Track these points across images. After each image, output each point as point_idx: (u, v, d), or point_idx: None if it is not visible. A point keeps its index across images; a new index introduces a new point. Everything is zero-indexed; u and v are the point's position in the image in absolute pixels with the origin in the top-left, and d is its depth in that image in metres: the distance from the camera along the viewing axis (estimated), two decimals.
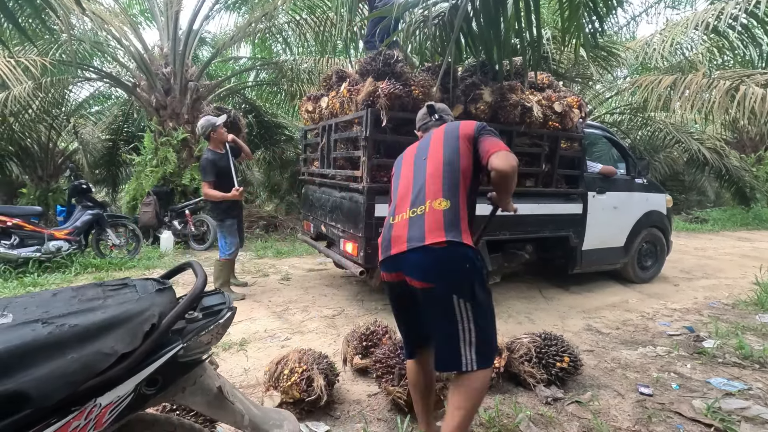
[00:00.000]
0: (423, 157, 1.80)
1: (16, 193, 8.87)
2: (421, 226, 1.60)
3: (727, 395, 2.44)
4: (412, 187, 1.75)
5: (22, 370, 0.84)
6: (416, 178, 1.76)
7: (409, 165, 1.86)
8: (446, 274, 1.55)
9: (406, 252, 1.59)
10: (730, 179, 10.46)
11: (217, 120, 4.16)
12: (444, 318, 1.56)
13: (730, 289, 4.87)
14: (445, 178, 1.67)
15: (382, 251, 1.76)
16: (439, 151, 1.76)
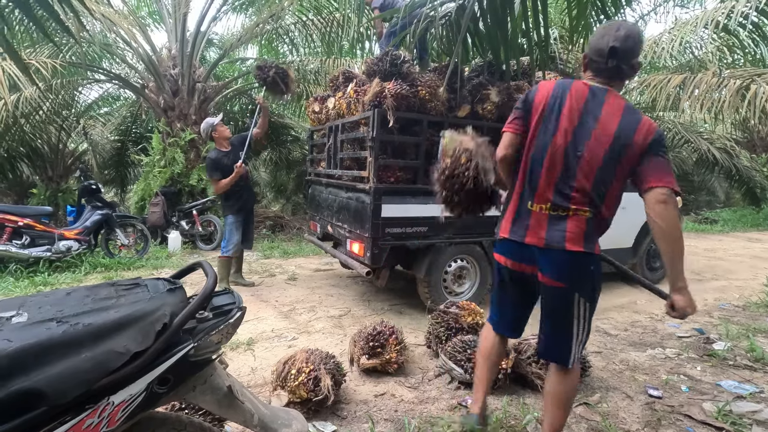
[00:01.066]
0: (583, 138, 1.58)
1: (27, 193, 8.99)
2: (563, 230, 1.62)
3: (738, 398, 2.41)
4: (559, 173, 1.62)
5: (37, 368, 0.85)
6: (567, 162, 1.60)
7: (568, 128, 1.60)
8: (578, 278, 1.63)
9: (544, 249, 1.64)
10: (741, 179, 10.34)
11: (215, 119, 4.23)
12: (565, 314, 1.66)
13: (741, 291, 4.81)
14: (596, 185, 1.59)
15: (511, 232, 1.75)
16: (602, 146, 1.56)
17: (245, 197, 4.34)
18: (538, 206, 1.67)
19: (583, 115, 1.60)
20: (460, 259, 3.83)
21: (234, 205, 4.25)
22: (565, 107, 1.61)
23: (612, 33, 1.58)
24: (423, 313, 3.62)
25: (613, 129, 1.56)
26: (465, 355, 2.49)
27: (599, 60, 1.61)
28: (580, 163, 1.58)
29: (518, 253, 1.74)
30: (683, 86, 6.69)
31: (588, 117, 1.59)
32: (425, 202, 3.53)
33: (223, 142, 4.26)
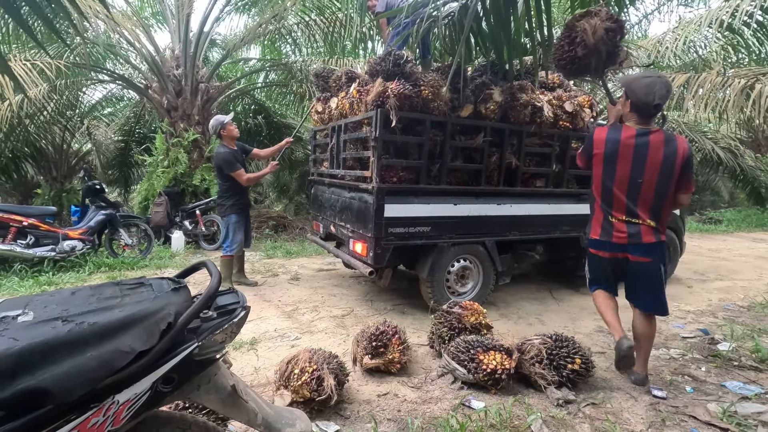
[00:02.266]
0: (640, 170, 2.31)
1: (31, 193, 9.05)
2: (639, 231, 2.37)
3: (743, 399, 2.40)
4: (626, 196, 2.37)
5: (43, 367, 0.86)
6: (631, 188, 2.35)
7: (626, 165, 2.33)
8: (657, 254, 2.39)
9: (628, 243, 2.40)
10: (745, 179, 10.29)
11: (226, 118, 4.31)
12: (654, 279, 2.42)
13: (746, 291, 4.78)
14: (655, 201, 2.34)
15: (602, 235, 2.50)
16: (655, 172, 2.30)
17: (246, 198, 4.49)
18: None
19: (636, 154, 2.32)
20: (462, 259, 3.83)
21: (236, 205, 4.34)
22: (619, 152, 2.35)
23: (656, 91, 2.23)
24: (426, 313, 3.62)
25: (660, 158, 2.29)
26: (468, 355, 2.49)
27: (646, 110, 2.29)
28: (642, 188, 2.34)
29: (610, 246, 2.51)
30: (687, 86, 6.65)
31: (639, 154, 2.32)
32: (428, 202, 3.53)
33: (231, 141, 4.37)
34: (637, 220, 2.36)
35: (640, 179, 2.31)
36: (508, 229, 3.93)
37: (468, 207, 3.68)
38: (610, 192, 2.40)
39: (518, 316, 3.86)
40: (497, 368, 2.39)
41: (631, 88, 2.31)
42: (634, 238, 2.37)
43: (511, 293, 4.47)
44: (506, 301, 4.23)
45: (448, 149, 3.51)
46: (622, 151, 2.32)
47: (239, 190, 4.35)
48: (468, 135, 3.66)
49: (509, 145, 3.75)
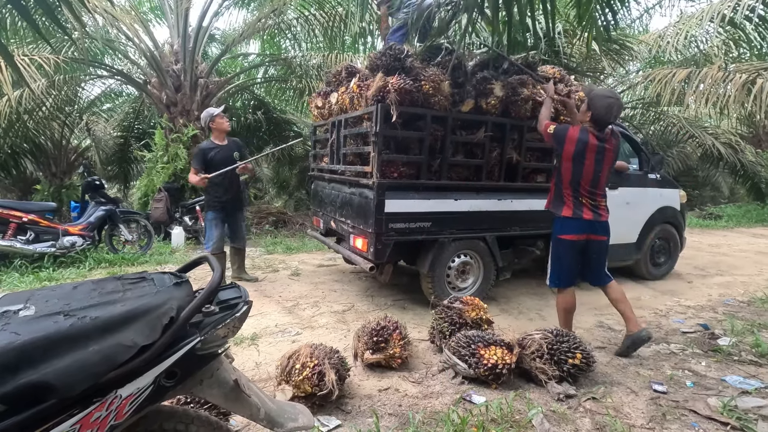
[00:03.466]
0: (599, 166, 2.82)
1: (31, 189, 9.03)
2: (599, 212, 2.88)
3: (743, 393, 2.40)
4: (590, 185, 2.83)
5: (45, 361, 0.85)
6: (593, 179, 2.83)
7: (591, 163, 2.80)
8: (607, 232, 2.94)
9: (594, 221, 2.85)
10: (745, 175, 10.28)
11: (216, 110, 4.17)
12: (603, 255, 2.96)
13: (746, 287, 4.79)
14: (606, 186, 2.94)
15: (574, 214, 2.86)
16: (607, 166, 2.86)
17: (229, 196, 4.22)
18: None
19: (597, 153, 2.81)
20: (463, 254, 3.83)
21: (212, 202, 4.22)
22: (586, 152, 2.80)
23: (614, 112, 2.78)
24: (426, 308, 3.62)
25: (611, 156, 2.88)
26: (469, 350, 2.49)
27: (603, 124, 2.83)
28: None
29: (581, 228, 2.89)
30: (688, 81, 6.63)
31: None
32: (429, 197, 3.52)
33: (220, 135, 4.22)
34: (598, 201, 2.87)
35: (600, 173, 2.84)
36: (509, 224, 3.93)
37: (469, 202, 3.68)
38: (578, 182, 2.84)
39: (519, 311, 3.86)
40: (498, 363, 2.39)
41: (594, 104, 2.79)
42: (597, 217, 2.86)
43: (512, 288, 4.48)
44: (507, 297, 4.23)
45: (448, 144, 3.50)
46: (588, 151, 2.78)
47: (217, 187, 4.17)
48: (469, 130, 3.64)
49: (510, 140, 3.74)
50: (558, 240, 2.94)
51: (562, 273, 2.96)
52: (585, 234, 2.86)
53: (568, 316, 2.98)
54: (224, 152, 4.14)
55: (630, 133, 5.04)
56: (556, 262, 2.99)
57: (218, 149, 4.14)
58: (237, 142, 4.39)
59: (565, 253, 2.92)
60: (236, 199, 4.32)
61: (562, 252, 2.93)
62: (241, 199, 4.42)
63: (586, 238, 2.86)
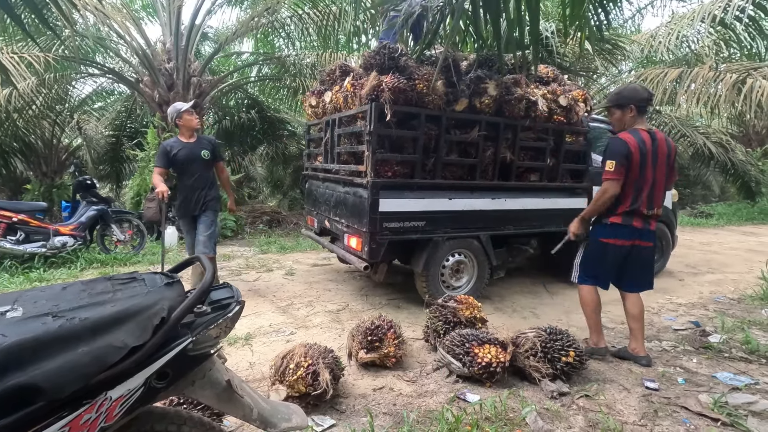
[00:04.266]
0: (654, 165, 2.64)
1: (21, 188, 8.91)
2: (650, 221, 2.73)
3: (733, 390, 2.43)
4: (648, 192, 2.66)
5: (33, 363, 0.84)
6: (653, 183, 2.66)
7: (650, 168, 2.64)
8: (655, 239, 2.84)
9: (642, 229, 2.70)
10: (736, 173, 10.39)
11: (184, 105, 3.72)
12: (651, 261, 2.85)
13: (736, 284, 4.84)
14: (664, 191, 2.73)
15: (624, 221, 2.69)
16: (663, 167, 2.67)
17: (193, 199, 3.69)
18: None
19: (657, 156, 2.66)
20: (457, 253, 3.84)
21: (182, 205, 3.77)
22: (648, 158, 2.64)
23: (641, 88, 2.70)
24: (421, 307, 3.62)
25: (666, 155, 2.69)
26: (463, 349, 2.50)
27: (645, 105, 2.68)
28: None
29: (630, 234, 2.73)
30: (680, 80, 6.69)
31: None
32: (423, 196, 3.52)
33: (187, 132, 3.73)
34: (653, 210, 2.70)
35: (654, 165, 2.65)
36: (502, 223, 3.94)
37: (463, 201, 3.69)
38: (641, 190, 2.65)
39: (513, 309, 3.88)
40: (492, 361, 2.40)
41: (624, 95, 2.70)
42: (647, 226, 2.70)
43: (506, 287, 4.50)
44: (501, 295, 4.25)
45: (443, 143, 3.50)
46: (649, 156, 2.63)
47: (182, 188, 3.74)
48: (463, 129, 3.65)
49: (504, 140, 3.75)
50: (599, 243, 2.78)
51: (593, 271, 2.84)
52: (635, 239, 2.70)
53: (595, 316, 2.84)
54: (190, 150, 3.67)
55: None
56: (598, 262, 2.81)
57: (183, 147, 3.66)
58: (210, 140, 3.86)
59: (602, 257, 2.78)
60: (200, 201, 3.71)
61: (600, 256, 2.78)
62: (210, 197, 3.76)
63: (635, 243, 2.71)
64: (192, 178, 3.67)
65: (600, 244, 2.79)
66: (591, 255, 2.87)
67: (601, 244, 2.78)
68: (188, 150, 3.66)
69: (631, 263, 2.76)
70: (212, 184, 3.80)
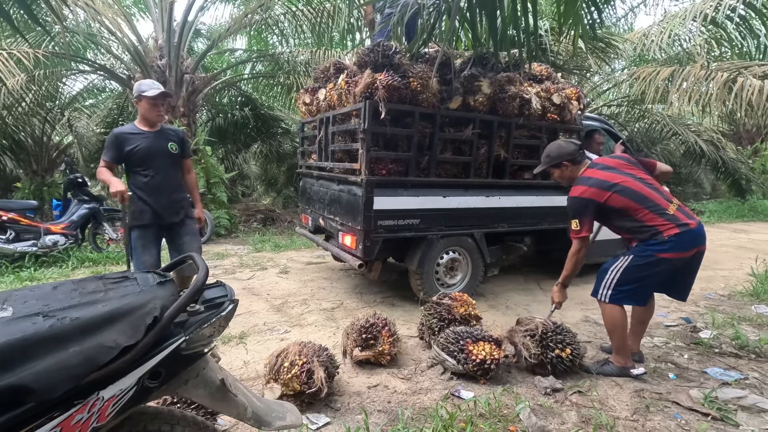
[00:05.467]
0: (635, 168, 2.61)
1: (11, 187, 8.79)
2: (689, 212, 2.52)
3: (723, 385, 2.47)
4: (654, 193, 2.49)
5: (23, 363, 0.83)
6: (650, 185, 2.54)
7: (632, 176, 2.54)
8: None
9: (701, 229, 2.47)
10: (727, 171, 10.50)
11: (150, 87, 2.79)
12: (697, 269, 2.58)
13: (727, 281, 4.90)
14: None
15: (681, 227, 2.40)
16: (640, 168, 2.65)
17: (162, 202, 2.83)
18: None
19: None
20: (452, 251, 3.85)
21: (135, 214, 2.81)
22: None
23: (565, 143, 2.79)
24: (415, 304, 3.63)
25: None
26: (457, 346, 2.51)
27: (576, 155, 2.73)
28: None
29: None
30: (672, 79, 6.73)
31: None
32: (417, 194, 3.52)
33: (144, 121, 2.84)
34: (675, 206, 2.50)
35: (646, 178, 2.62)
36: (496, 220, 3.95)
37: (457, 199, 3.69)
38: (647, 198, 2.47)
39: (507, 306, 3.90)
40: (486, 358, 2.41)
41: (552, 156, 2.76)
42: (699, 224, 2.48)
43: (500, 284, 4.52)
44: (495, 293, 4.27)
45: (437, 141, 3.50)
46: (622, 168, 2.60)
47: (140, 189, 2.80)
48: (457, 127, 3.65)
49: (498, 137, 3.76)
50: (656, 259, 2.40)
51: (643, 291, 2.53)
52: (696, 247, 2.44)
53: (625, 338, 2.57)
54: (152, 142, 2.80)
55: (615, 130, 5.11)
56: (643, 281, 2.47)
57: (143, 137, 2.79)
58: (175, 131, 3.01)
59: (655, 274, 2.46)
60: (174, 206, 2.89)
61: (660, 271, 2.44)
62: (182, 204, 2.95)
63: (696, 251, 2.45)
64: (156, 177, 2.79)
65: (653, 260, 2.41)
66: (634, 273, 2.46)
67: (654, 260, 2.41)
68: (150, 141, 2.80)
69: (688, 272, 2.55)
70: (181, 185, 3.03)
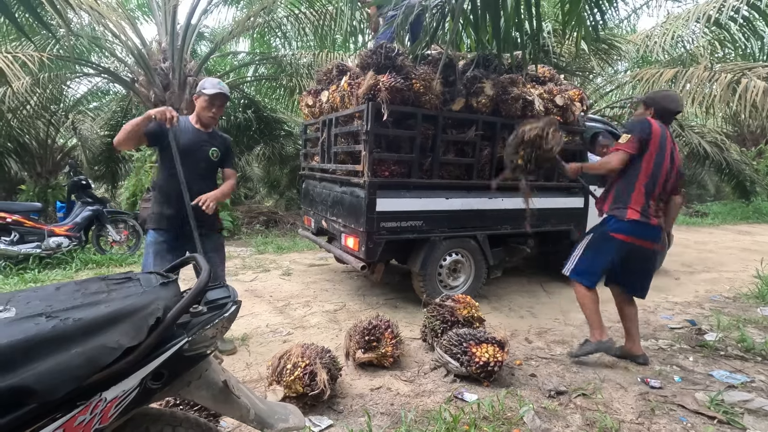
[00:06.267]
0: (672, 164, 2.62)
1: (16, 189, 8.85)
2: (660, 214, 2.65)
3: (729, 387, 2.44)
4: (662, 185, 2.60)
5: (26, 364, 0.83)
6: (666, 179, 2.61)
7: (667, 158, 2.58)
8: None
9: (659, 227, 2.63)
10: (731, 173, 10.45)
11: (209, 87, 2.64)
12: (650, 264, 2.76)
13: (732, 283, 4.87)
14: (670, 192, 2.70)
15: (642, 217, 2.57)
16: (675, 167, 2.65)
17: (183, 209, 2.45)
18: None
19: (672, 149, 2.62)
20: (455, 252, 3.83)
21: (154, 215, 2.68)
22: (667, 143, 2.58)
23: (677, 101, 2.65)
24: (418, 306, 3.62)
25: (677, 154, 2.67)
26: (460, 348, 2.49)
27: (668, 117, 2.68)
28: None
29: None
30: (675, 80, 6.71)
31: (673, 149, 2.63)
32: (420, 196, 3.52)
33: (198, 119, 2.72)
34: (661, 205, 2.66)
35: (672, 172, 2.62)
36: (499, 222, 3.94)
37: (460, 201, 3.69)
38: (656, 180, 2.57)
39: (510, 308, 3.88)
40: (490, 361, 2.40)
41: (654, 99, 2.69)
42: (661, 222, 2.64)
43: (503, 286, 4.50)
44: (498, 295, 4.25)
45: (439, 143, 3.50)
46: (667, 144, 2.58)
47: (166, 186, 2.65)
48: (460, 129, 3.65)
49: (501, 139, 3.75)
50: (610, 237, 2.61)
51: (594, 269, 2.69)
52: (649, 240, 2.60)
53: (595, 313, 2.71)
54: (195, 142, 2.65)
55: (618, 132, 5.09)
56: (596, 258, 2.67)
57: (190, 133, 2.66)
58: (224, 138, 2.92)
59: (606, 254, 2.64)
60: (199, 217, 2.50)
61: (604, 253, 2.64)
62: (205, 215, 2.59)
63: (647, 245, 2.61)
64: (190, 176, 2.49)
65: (608, 238, 2.62)
66: (593, 249, 2.70)
67: (608, 238, 2.62)
68: (195, 138, 2.65)
69: (638, 264, 2.69)
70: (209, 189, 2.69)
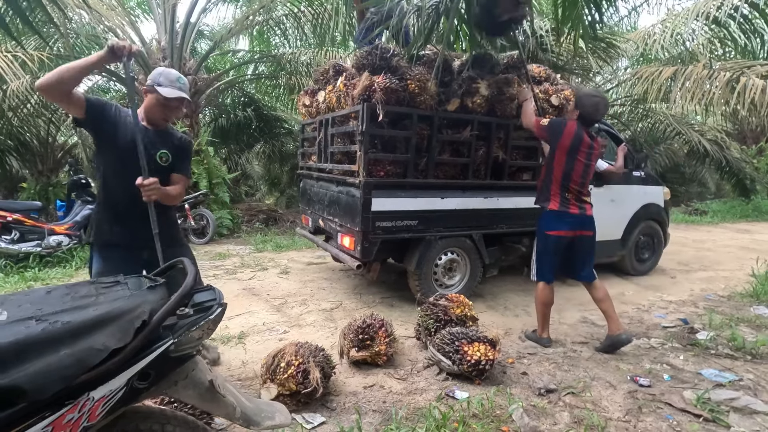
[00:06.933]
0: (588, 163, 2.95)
1: (17, 187, 8.90)
2: (585, 206, 2.98)
3: (717, 386, 2.47)
4: (580, 181, 2.94)
5: (16, 365, 0.87)
6: (583, 175, 2.94)
7: (582, 158, 2.91)
8: (593, 227, 3.04)
9: (581, 216, 2.96)
10: (731, 171, 10.43)
11: (165, 85, 2.06)
12: (591, 250, 3.05)
13: (727, 281, 4.89)
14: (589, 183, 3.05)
15: (561, 207, 2.95)
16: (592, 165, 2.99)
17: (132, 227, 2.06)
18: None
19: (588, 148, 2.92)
20: (450, 252, 3.86)
21: (97, 232, 2.11)
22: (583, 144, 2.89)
23: (600, 110, 2.89)
24: (414, 305, 3.65)
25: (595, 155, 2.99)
26: (453, 347, 2.53)
27: (590, 121, 2.96)
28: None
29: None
30: (675, 78, 6.71)
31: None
32: (415, 195, 3.54)
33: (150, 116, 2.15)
34: (584, 197, 2.98)
35: (588, 171, 2.95)
36: (495, 222, 3.97)
37: (455, 200, 3.71)
38: (569, 177, 2.91)
39: (505, 307, 3.91)
40: (481, 359, 2.43)
41: (582, 102, 2.91)
42: (583, 212, 2.95)
43: (498, 285, 4.53)
44: (493, 293, 4.28)
45: (435, 143, 3.52)
46: (582, 146, 2.88)
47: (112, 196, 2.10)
48: (455, 129, 3.67)
49: (496, 139, 3.77)
50: (545, 235, 2.99)
51: (551, 268, 3.02)
52: (573, 230, 2.93)
53: (547, 309, 3.08)
54: (145, 138, 2.02)
55: (614, 131, 5.09)
56: (543, 257, 3.03)
57: (136, 130, 1.97)
58: (182, 141, 2.30)
59: (553, 248, 2.98)
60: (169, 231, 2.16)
61: (551, 247, 2.98)
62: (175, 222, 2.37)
63: (573, 234, 2.94)
64: (130, 184, 1.93)
65: (544, 237, 3.00)
66: (540, 250, 3.06)
67: (545, 237, 2.99)
68: (141, 137, 1.97)
69: (576, 253, 3.01)
70: (165, 210, 2.18)
